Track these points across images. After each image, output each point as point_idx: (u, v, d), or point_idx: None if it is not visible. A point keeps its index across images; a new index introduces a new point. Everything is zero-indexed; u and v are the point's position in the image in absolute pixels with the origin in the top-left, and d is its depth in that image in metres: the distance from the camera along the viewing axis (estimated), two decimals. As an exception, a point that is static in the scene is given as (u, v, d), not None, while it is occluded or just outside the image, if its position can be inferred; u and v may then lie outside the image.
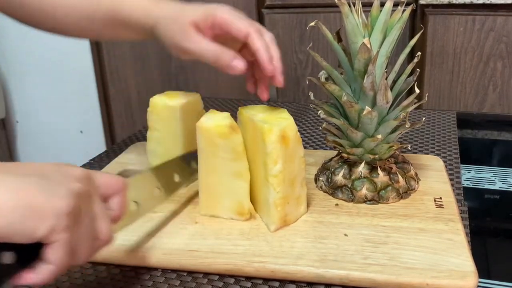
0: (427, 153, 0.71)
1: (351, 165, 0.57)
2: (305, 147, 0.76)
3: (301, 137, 0.80)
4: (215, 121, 0.51)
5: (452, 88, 1.20)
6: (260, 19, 1.31)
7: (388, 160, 0.58)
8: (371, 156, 0.56)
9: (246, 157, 0.52)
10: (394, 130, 0.55)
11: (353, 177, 0.56)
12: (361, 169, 0.56)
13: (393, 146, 0.56)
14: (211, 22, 0.54)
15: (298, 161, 0.51)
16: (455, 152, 0.72)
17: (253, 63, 0.58)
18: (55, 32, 0.64)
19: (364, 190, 0.55)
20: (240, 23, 0.53)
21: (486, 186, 0.65)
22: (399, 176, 0.56)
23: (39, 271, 0.34)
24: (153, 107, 0.61)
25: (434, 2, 1.14)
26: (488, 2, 1.09)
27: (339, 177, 0.57)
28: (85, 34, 0.64)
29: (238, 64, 0.52)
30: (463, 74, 1.18)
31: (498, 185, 0.65)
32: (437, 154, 0.71)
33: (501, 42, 1.13)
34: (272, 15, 1.29)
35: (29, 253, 0.33)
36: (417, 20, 1.18)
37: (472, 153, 0.78)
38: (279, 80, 0.54)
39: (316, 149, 0.76)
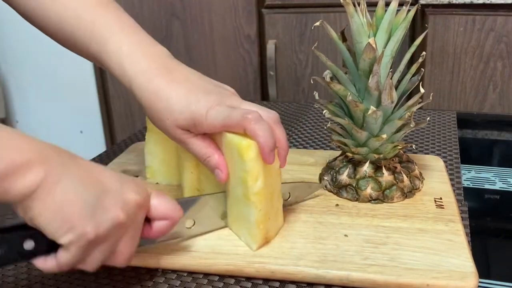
0: (427, 153, 0.71)
1: (356, 164, 0.57)
2: (304, 147, 0.76)
3: (301, 137, 0.80)
4: None
5: (452, 88, 1.20)
6: (260, 19, 1.31)
7: (393, 160, 0.58)
8: (376, 156, 0.56)
9: (188, 153, 0.52)
10: (398, 130, 0.55)
11: (357, 176, 0.56)
12: (366, 168, 0.56)
13: (397, 145, 0.56)
14: (201, 131, 0.49)
15: (274, 173, 0.48)
16: (455, 152, 0.72)
17: None
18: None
19: (369, 190, 0.55)
20: (232, 122, 0.46)
21: (486, 186, 0.65)
22: (404, 175, 0.56)
23: (48, 262, 0.39)
24: None
25: (434, 2, 1.14)
26: (488, 2, 1.09)
27: (344, 177, 0.57)
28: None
29: (218, 175, 0.49)
30: (463, 74, 1.18)
31: (498, 185, 0.65)
32: (437, 154, 0.71)
33: (501, 42, 1.13)
34: (272, 15, 1.29)
35: (49, 243, 0.38)
36: (417, 20, 1.18)
37: (472, 153, 0.78)
38: (282, 164, 0.49)
39: (316, 149, 0.76)
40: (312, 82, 0.58)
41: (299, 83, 1.32)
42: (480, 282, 0.43)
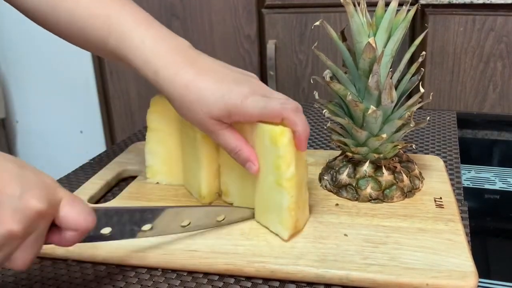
0: (427, 153, 0.71)
1: (356, 164, 0.57)
2: (305, 147, 0.76)
3: (301, 137, 0.80)
4: None
5: (452, 88, 1.20)
6: (260, 19, 1.31)
7: (393, 159, 0.58)
8: (376, 155, 0.56)
9: (206, 146, 0.54)
10: (398, 129, 0.55)
11: (357, 176, 0.56)
12: (366, 168, 0.56)
13: (397, 145, 0.56)
14: (235, 120, 0.49)
15: (303, 163, 0.50)
16: (455, 152, 0.72)
17: None
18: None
19: (369, 189, 0.55)
20: (271, 112, 0.47)
21: (486, 186, 0.65)
22: (404, 175, 0.56)
23: None
24: (155, 107, 0.60)
25: (434, 2, 1.14)
26: (488, 2, 1.09)
27: (344, 176, 0.57)
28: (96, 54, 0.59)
29: (250, 168, 0.50)
30: (463, 74, 1.18)
31: (498, 185, 0.65)
32: (437, 154, 0.71)
33: (501, 42, 1.13)
34: (272, 15, 1.29)
35: None
36: (417, 19, 1.19)
37: (472, 153, 0.78)
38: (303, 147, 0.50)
39: (316, 149, 0.76)
40: (312, 82, 0.58)
41: (299, 83, 1.32)
42: (479, 281, 0.43)
